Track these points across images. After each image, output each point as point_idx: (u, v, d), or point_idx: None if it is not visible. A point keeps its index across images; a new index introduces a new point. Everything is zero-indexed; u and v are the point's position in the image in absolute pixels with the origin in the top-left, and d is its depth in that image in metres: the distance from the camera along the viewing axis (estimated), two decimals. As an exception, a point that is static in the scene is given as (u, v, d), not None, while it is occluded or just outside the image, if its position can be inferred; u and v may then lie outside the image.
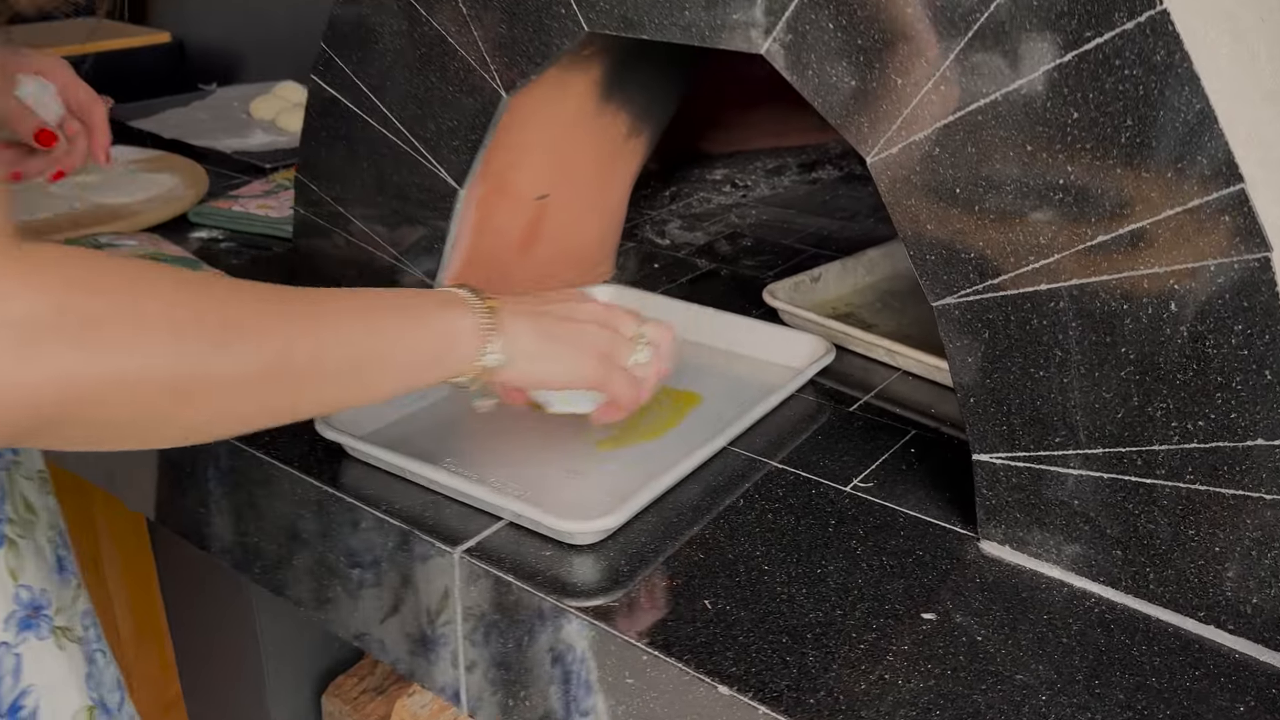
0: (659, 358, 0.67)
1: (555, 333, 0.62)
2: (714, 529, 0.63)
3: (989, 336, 0.58)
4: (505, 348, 0.59)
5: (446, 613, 0.63)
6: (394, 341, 0.55)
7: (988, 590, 0.58)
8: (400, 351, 0.55)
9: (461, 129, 0.78)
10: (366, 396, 0.57)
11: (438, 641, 0.64)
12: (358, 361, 0.53)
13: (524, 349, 0.60)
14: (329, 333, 0.52)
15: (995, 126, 0.54)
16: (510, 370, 0.60)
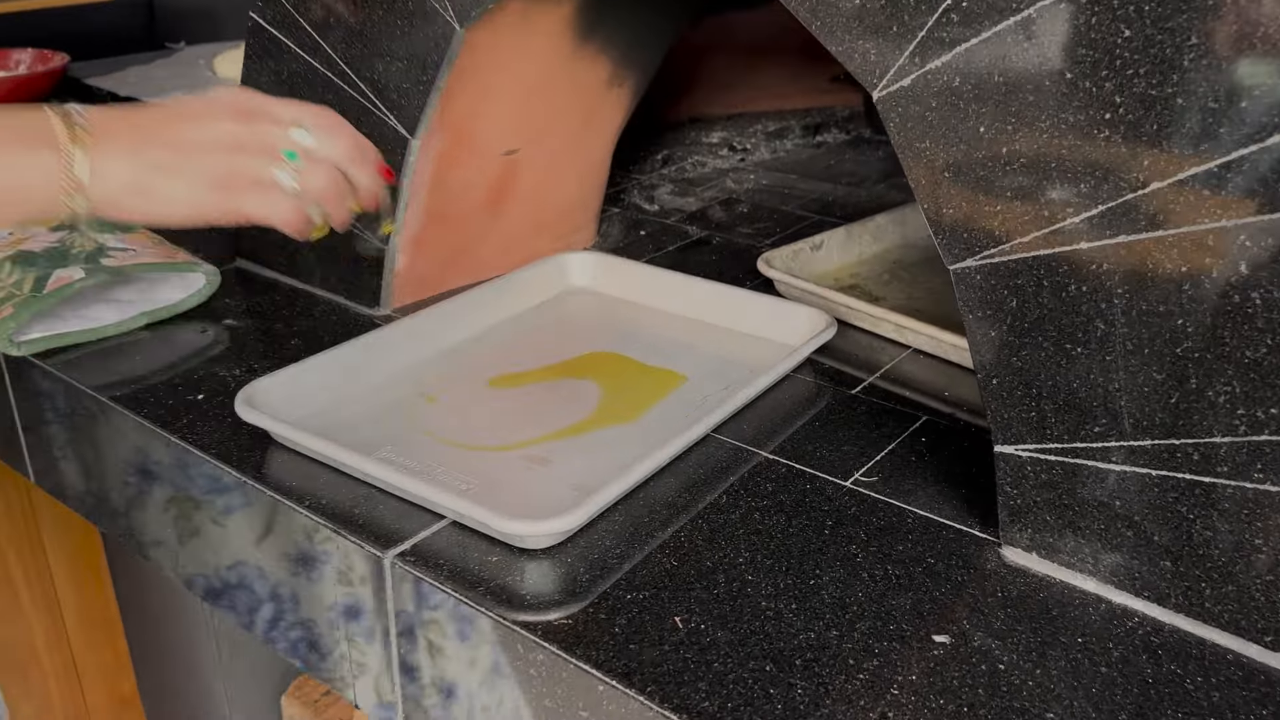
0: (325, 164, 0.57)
1: (163, 163, 0.53)
2: (691, 531, 0.54)
3: (1016, 306, 0.48)
4: (97, 189, 0.51)
5: (378, 625, 0.54)
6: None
7: (1011, 607, 0.49)
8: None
9: (412, 69, 0.68)
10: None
11: (369, 658, 0.55)
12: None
13: (121, 186, 0.52)
14: None
15: (1029, 50, 0.45)
16: (114, 211, 0.52)
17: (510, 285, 0.78)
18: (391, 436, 0.61)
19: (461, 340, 0.73)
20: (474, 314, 0.75)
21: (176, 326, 0.75)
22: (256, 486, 0.57)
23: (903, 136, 0.49)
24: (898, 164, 1.14)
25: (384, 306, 0.77)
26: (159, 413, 0.63)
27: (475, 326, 0.75)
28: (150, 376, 0.68)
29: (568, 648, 0.46)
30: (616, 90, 0.84)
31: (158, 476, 0.64)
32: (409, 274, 0.78)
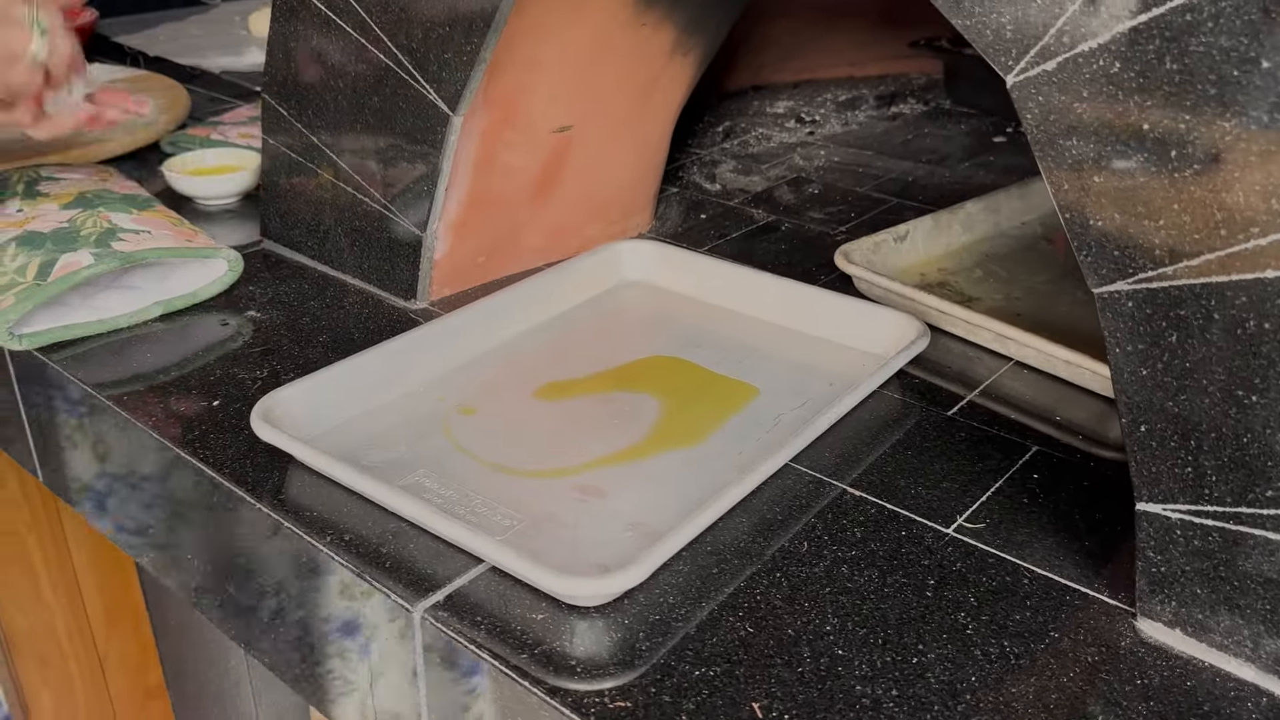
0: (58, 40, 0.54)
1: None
2: (767, 586, 0.46)
3: (1178, 341, 0.40)
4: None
5: (407, 685, 0.47)
6: None
7: (1154, 699, 0.41)
8: None
9: (455, 37, 0.60)
10: None
11: (397, 714, 0.49)
12: None
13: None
14: None
15: (1214, 33, 0.36)
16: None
17: (559, 279, 0.70)
18: (426, 457, 0.54)
19: (504, 341, 0.66)
20: (519, 312, 0.67)
21: (194, 317, 0.68)
22: (273, 516, 0.50)
23: (1042, 131, 0.41)
24: (984, 140, 1.04)
25: (421, 299, 0.70)
26: (170, 423, 0.57)
27: (520, 326, 0.67)
28: (164, 375, 0.61)
29: (626, 737, 0.39)
30: (680, 60, 0.76)
31: (169, 492, 0.58)
32: (449, 263, 0.71)
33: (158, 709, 1.13)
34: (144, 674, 1.11)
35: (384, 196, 0.69)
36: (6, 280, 0.64)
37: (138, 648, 1.09)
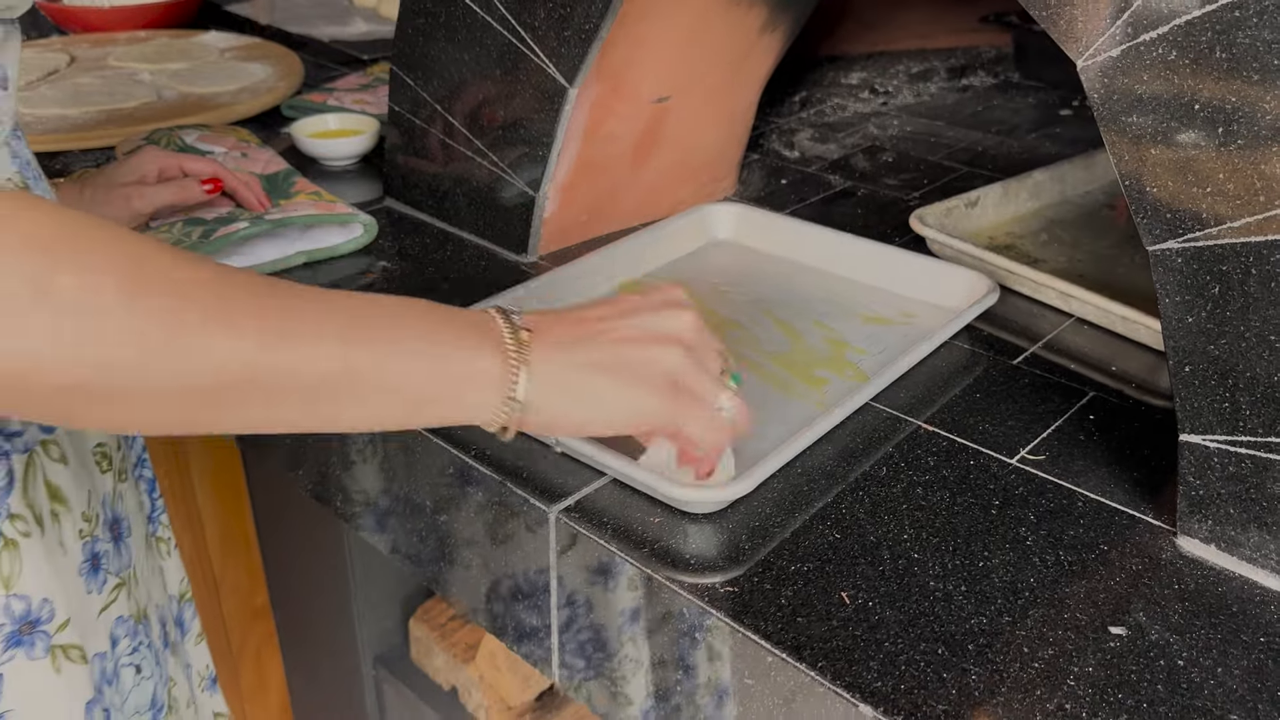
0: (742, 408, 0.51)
1: (606, 361, 0.47)
2: (851, 502, 0.54)
3: (1220, 292, 0.46)
4: (531, 391, 0.46)
5: (539, 576, 0.55)
6: (381, 377, 0.43)
7: (1189, 600, 0.48)
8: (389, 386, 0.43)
9: (575, 17, 0.67)
10: (342, 427, 0.45)
11: (528, 606, 0.57)
12: (336, 387, 0.42)
13: (556, 389, 0.46)
14: (307, 347, 0.41)
15: (1258, 26, 0.42)
16: (540, 417, 0.46)
17: (655, 237, 0.77)
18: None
19: (607, 293, 0.73)
20: (620, 266, 0.75)
21: (333, 266, 0.76)
22: (424, 434, 0.59)
23: (1107, 109, 0.47)
24: (1050, 112, 1.09)
25: (531, 254, 0.78)
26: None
27: (620, 278, 0.74)
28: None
29: (735, 616, 0.47)
30: (769, 36, 0.82)
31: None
32: (556, 221, 0.78)
33: (263, 628, 1.23)
34: (252, 596, 1.21)
35: (501, 160, 0.77)
36: (173, 239, 0.73)
37: (248, 573, 1.19)
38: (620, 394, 0.47)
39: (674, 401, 0.48)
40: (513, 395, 0.45)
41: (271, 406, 0.41)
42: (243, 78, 1.06)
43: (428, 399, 0.44)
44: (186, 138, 0.88)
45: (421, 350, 0.44)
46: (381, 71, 1.10)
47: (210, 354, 0.38)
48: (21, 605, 0.50)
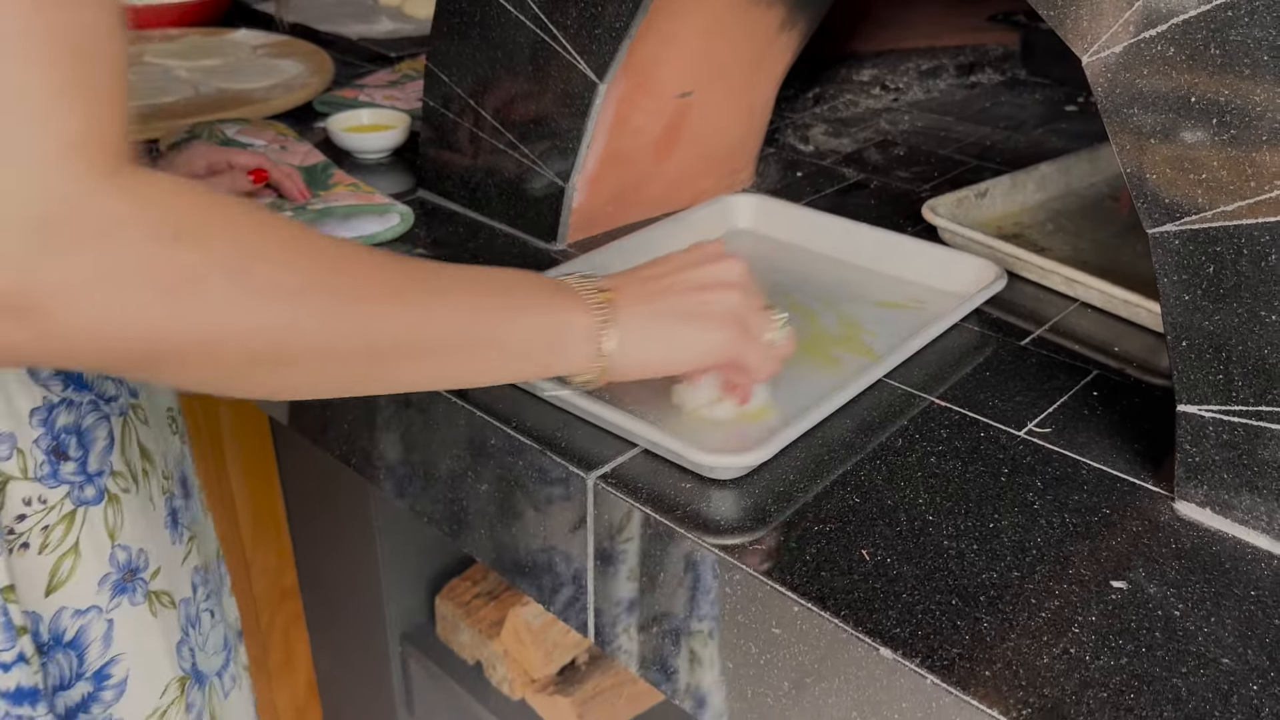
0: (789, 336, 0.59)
1: (678, 309, 0.55)
2: (870, 470, 0.57)
3: (1214, 272, 0.50)
4: (619, 341, 0.53)
5: (576, 540, 0.59)
6: (501, 336, 0.50)
7: (1185, 559, 0.51)
8: (502, 347, 0.51)
9: (606, 16, 0.71)
10: (463, 383, 0.53)
11: (565, 569, 0.61)
12: (458, 350, 0.49)
13: (639, 344, 0.54)
14: (434, 316, 0.48)
15: (1249, 25, 0.45)
16: (626, 362, 0.54)
17: (678, 226, 0.81)
18: (582, 367, 0.66)
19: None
20: (645, 253, 0.78)
21: (371, 253, 0.80)
22: (467, 408, 0.62)
23: (1110, 102, 0.51)
24: (1056, 108, 1.13)
25: (560, 241, 0.82)
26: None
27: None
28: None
29: (764, 571, 0.51)
30: (787, 34, 0.86)
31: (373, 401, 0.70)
32: (583, 210, 0.82)
33: (291, 608, 1.27)
34: (281, 577, 1.25)
35: (531, 152, 0.80)
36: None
37: (277, 554, 1.24)
38: (692, 335, 0.55)
39: (737, 337, 0.56)
40: (602, 347, 0.53)
41: (419, 364, 0.48)
42: (275, 74, 1.10)
43: (533, 354, 0.52)
44: (227, 131, 0.91)
45: (531, 313, 0.52)
46: (409, 68, 1.14)
47: (382, 322, 0.45)
48: (124, 555, 0.55)
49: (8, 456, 0.50)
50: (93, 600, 0.54)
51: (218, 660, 0.66)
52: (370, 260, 0.46)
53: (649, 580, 0.56)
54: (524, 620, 1.00)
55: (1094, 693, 0.44)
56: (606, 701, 1.02)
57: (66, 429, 0.52)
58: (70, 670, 0.55)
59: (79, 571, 0.53)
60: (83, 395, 0.53)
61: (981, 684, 0.45)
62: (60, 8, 0.36)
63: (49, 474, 0.52)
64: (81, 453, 0.53)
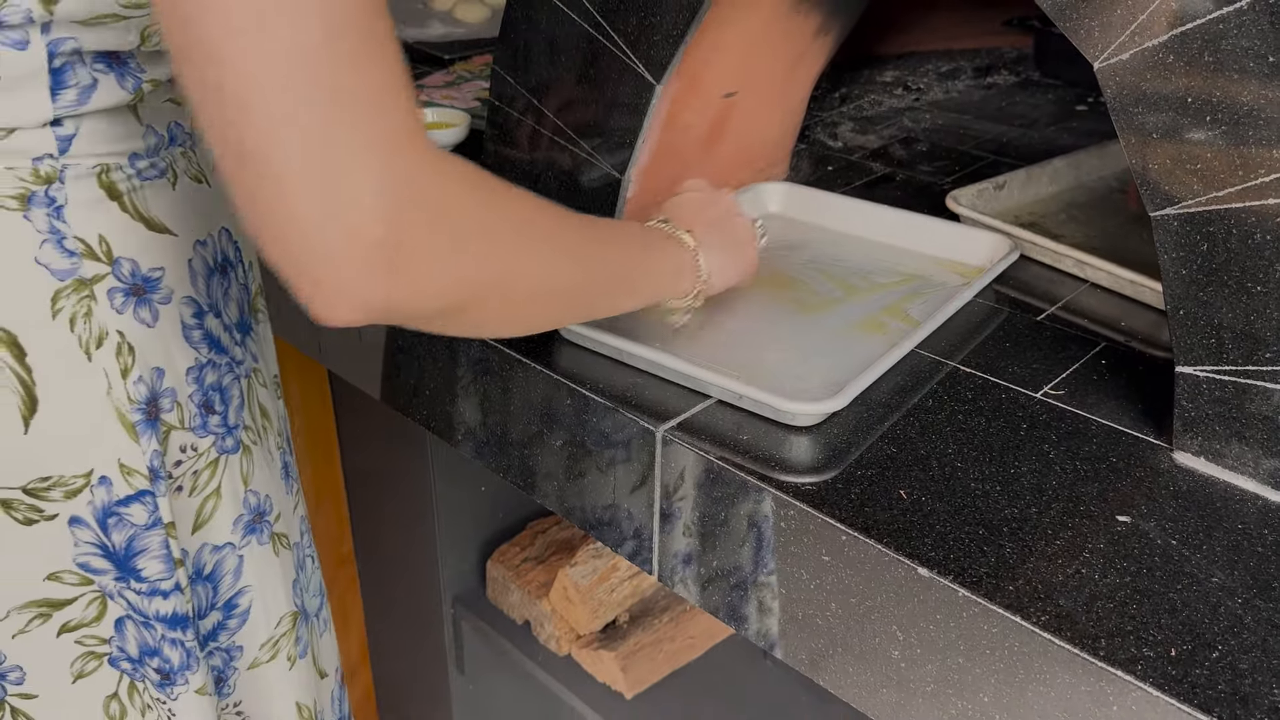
0: None
1: (730, 241, 0.72)
2: (905, 425, 0.65)
3: (1207, 249, 0.58)
4: (708, 267, 0.68)
5: (645, 484, 0.67)
6: (643, 272, 0.65)
7: (1181, 499, 0.59)
8: (645, 280, 0.65)
9: (664, 24, 0.79)
10: (617, 310, 0.65)
11: (633, 512, 0.69)
12: (619, 285, 0.63)
13: (718, 265, 0.70)
14: (610, 260, 0.62)
15: (1237, 36, 0.53)
16: (715, 281, 0.70)
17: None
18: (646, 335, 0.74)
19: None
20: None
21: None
22: (546, 372, 0.70)
23: (1118, 101, 0.59)
24: (1067, 108, 1.21)
25: (615, 227, 0.90)
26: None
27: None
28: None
29: (815, 506, 0.59)
30: (822, 39, 0.94)
31: (457, 363, 0.78)
32: (635, 201, 0.90)
33: (348, 573, 1.35)
34: (339, 544, 1.33)
35: (591, 147, 0.89)
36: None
37: (336, 521, 1.32)
38: (747, 255, 0.74)
39: (756, 254, 0.75)
40: (700, 274, 0.68)
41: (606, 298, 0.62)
42: (341, 74, 1.18)
43: (664, 285, 0.67)
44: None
45: (658, 252, 0.67)
46: (463, 70, 1.22)
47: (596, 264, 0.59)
48: (255, 499, 0.62)
49: (169, 409, 0.58)
50: (228, 538, 0.62)
51: (316, 602, 0.75)
52: (571, 216, 0.58)
53: (709, 518, 0.64)
54: (572, 580, 1.08)
55: (1101, 604, 0.52)
56: (647, 657, 1.10)
57: (212, 386, 0.60)
58: (206, 600, 0.63)
59: (219, 513, 0.62)
60: (221, 357, 0.61)
61: (1005, 596, 0.52)
62: (382, 15, 0.44)
63: (200, 425, 0.60)
64: (224, 408, 0.61)
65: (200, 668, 0.61)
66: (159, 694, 0.60)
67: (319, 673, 0.74)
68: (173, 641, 0.59)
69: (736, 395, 0.65)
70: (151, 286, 0.55)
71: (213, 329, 0.60)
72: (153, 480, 0.56)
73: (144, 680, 0.60)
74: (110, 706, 0.60)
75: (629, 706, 1.09)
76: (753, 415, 0.66)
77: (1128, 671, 0.48)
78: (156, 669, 0.59)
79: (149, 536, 0.57)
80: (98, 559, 0.56)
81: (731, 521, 0.63)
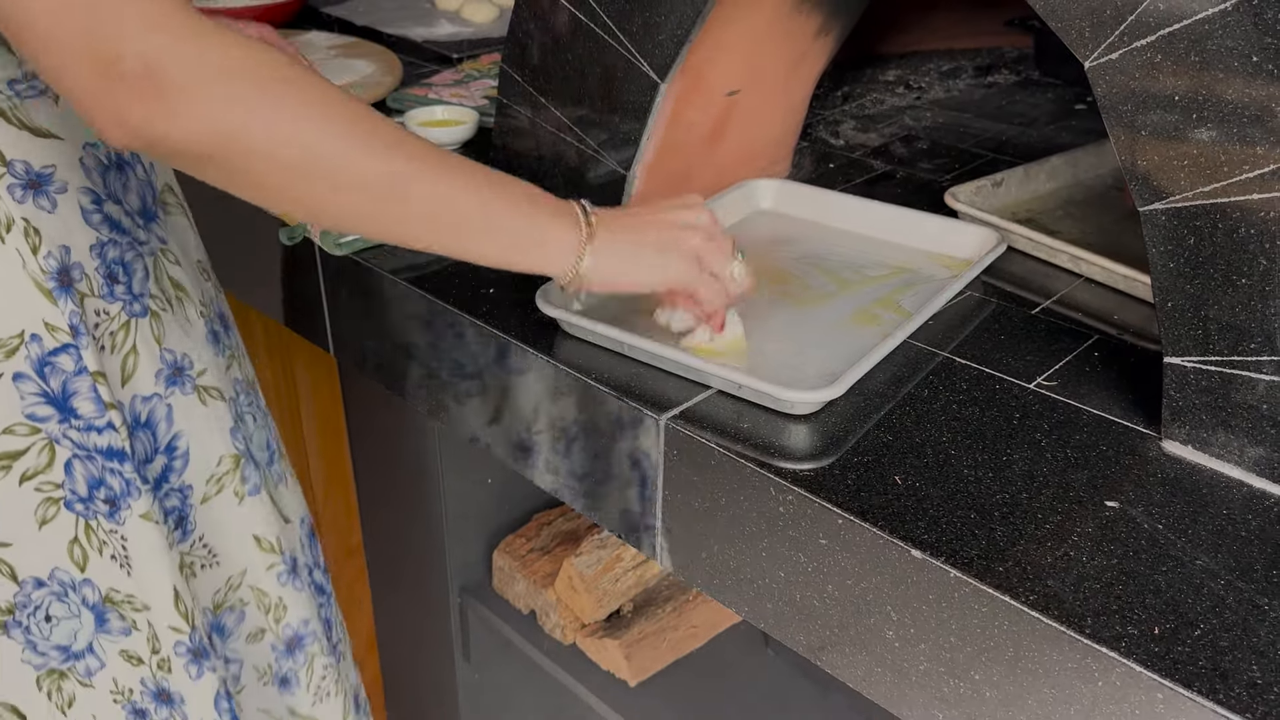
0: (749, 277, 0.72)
1: (649, 240, 0.69)
2: (900, 414, 0.67)
3: (1194, 243, 0.59)
4: (594, 256, 0.66)
5: (649, 476, 0.69)
6: (498, 223, 0.63)
7: (1168, 485, 0.61)
8: (501, 234, 0.64)
9: (669, 24, 0.81)
10: (459, 253, 0.65)
11: (639, 501, 0.71)
12: (461, 222, 0.62)
13: (613, 255, 0.67)
14: (448, 186, 0.61)
15: (1222, 37, 0.55)
16: (595, 276, 0.67)
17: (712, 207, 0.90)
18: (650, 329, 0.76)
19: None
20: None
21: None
22: (553, 363, 0.72)
23: (1108, 100, 0.60)
24: (1066, 107, 1.23)
25: (620, 223, 0.92)
26: (463, 301, 0.79)
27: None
28: (443, 271, 0.84)
29: (813, 491, 0.60)
30: (823, 39, 0.96)
31: (460, 351, 0.80)
32: (640, 196, 0.92)
33: (355, 564, 1.37)
34: (348, 535, 1.35)
35: (596, 143, 0.90)
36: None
37: (346, 512, 1.34)
38: (654, 262, 0.68)
39: (692, 269, 0.68)
40: (581, 257, 0.65)
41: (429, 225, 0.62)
42: (351, 73, 1.21)
43: (522, 248, 0.65)
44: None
45: (531, 215, 0.65)
46: (471, 68, 1.24)
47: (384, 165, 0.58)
48: (170, 356, 0.73)
49: (80, 279, 0.66)
50: (154, 389, 0.71)
51: (266, 456, 0.82)
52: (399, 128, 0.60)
53: (711, 504, 0.66)
54: (577, 570, 1.10)
55: (1089, 585, 0.54)
56: (651, 646, 1.12)
57: (115, 261, 0.69)
58: (149, 445, 0.72)
59: (140, 368, 0.70)
60: (123, 238, 0.69)
61: (995, 577, 0.54)
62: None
63: (107, 293, 0.68)
64: (127, 279, 0.69)
65: (143, 496, 0.69)
66: (110, 524, 0.68)
67: (281, 517, 0.82)
68: (113, 471, 0.68)
69: (736, 385, 0.67)
70: (45, 180, 0.64)
71: (112, 213, 0.69)
72: (74, 335, 0.65)
73: (95, 516, 0.68)
74: (74, 551, 0.68)
75: (633, 694, 1.11)
76: (751, 405, 0.68)
77: (1112, 648, 0.50)
78: (104, 499, 0.68)
79: (78, 381, 0.66)
80: (42, 406, 0.65)
81: (732, 507, 0.65)
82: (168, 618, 0.71)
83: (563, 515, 1.25)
